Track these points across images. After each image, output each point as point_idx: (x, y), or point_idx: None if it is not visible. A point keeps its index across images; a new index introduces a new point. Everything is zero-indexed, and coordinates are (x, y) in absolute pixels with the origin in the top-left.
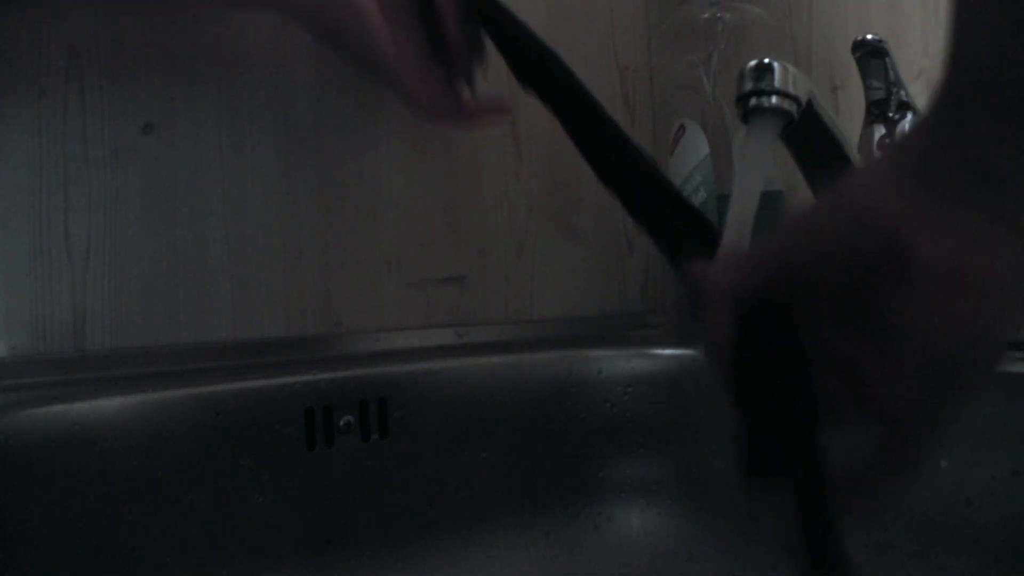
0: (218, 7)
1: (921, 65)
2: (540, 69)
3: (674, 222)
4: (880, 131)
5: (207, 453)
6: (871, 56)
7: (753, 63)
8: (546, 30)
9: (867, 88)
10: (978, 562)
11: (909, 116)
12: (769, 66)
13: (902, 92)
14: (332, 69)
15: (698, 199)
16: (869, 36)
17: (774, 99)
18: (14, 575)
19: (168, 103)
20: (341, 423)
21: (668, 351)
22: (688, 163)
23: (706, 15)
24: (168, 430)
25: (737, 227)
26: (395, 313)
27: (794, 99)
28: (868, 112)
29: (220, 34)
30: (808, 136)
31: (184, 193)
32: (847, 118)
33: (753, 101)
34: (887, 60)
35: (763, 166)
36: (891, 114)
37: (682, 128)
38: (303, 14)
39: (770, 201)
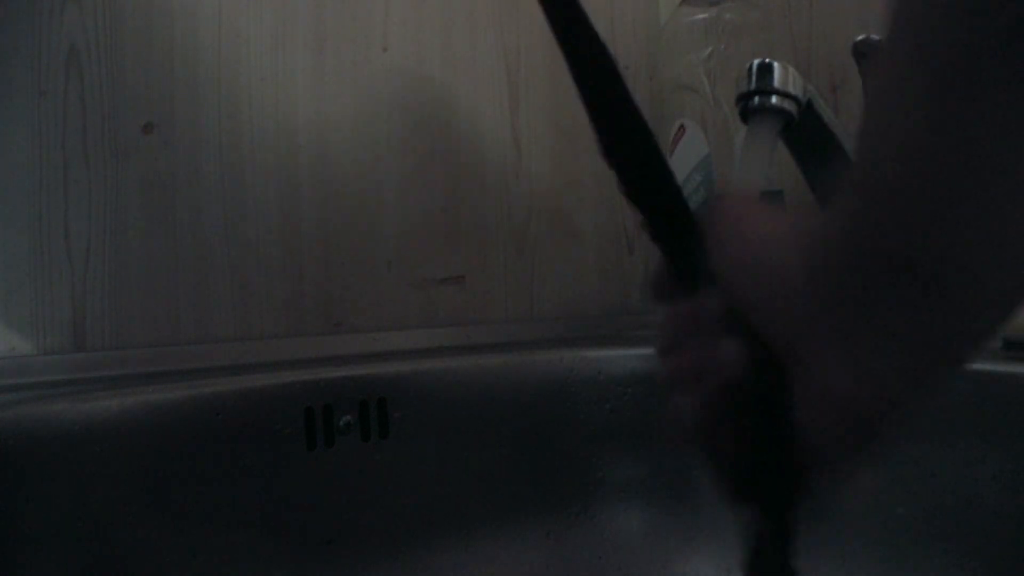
0: None
1: None
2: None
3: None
4: None
5: (207, 453)
6: (871, 56)
7: (753, 63)
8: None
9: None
10: (978, 563)
11: None
12: (769, 66)
13: None
14: (333, 69)
15: (698, 199)
16: (869, 36)
17: (774, 99)
18: (14, 575)
19: (168, 103)
20: (341, 423)
21: None
22: (688, 163)
23: (706, 15)
24: (168, 430)
25: None
26: (395, 313)
27: (794, 99)
28: None
29: (220, 35)
30: (808, 136)
31: (184, 193)
32: (847, 118)
33: (753, 101)
34: None
35: (763, 166)
36: None
37: (682, 128)
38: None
39: (770, 201)
